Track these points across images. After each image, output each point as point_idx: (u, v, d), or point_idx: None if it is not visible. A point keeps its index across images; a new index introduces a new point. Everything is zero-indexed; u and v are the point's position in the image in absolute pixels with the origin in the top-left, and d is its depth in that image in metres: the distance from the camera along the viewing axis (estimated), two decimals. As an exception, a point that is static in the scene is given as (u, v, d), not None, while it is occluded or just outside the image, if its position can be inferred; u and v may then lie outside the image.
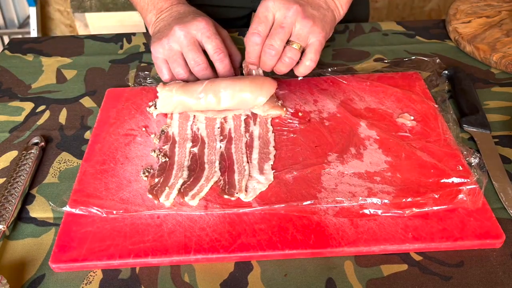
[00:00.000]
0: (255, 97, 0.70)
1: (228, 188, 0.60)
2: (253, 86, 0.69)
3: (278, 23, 0.68)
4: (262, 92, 0.69)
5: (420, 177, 0.61)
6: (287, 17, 0.67)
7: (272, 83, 0.71)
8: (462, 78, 0.77)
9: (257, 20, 0.68)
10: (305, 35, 0.68)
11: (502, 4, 0.95)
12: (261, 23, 0.68)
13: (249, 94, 0.69)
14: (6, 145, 0.71)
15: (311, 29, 0.68)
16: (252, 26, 0.69)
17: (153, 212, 0.58)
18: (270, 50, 0.68)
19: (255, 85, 0.70)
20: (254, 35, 0.68)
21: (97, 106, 0.78)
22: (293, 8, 0.67)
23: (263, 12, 0.68)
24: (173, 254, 0.54)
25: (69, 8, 2.40)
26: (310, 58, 0.69)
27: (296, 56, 0.69)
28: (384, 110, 0.72)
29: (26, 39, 0.98)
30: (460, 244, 0.54)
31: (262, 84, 0.70)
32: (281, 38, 0.68)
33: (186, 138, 0.69)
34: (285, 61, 0.69)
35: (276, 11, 0.68)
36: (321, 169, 0.63)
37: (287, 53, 0.68)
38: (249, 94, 0.69)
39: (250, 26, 0.70)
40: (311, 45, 0.69)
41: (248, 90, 0.69)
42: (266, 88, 0.70)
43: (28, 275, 0.54)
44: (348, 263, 0.54)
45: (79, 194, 0.61)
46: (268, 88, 0.70)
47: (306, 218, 0.57)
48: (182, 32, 0.70)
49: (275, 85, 0.71)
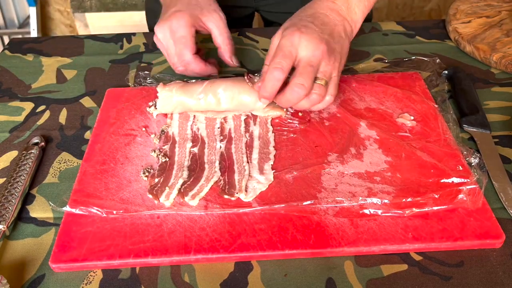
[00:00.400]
0: (254, 101, 0.69)
1: (228, 188, 0.60)
2: (253, 90, 0.69)
3: (306, 61, 0.64)
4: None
5: (420, 177, 0.61)
6: (315, 56, 0.63)
7: None
8: (462, 78, 0.77)
9: (281, 54, 0.63)
10: (329, 72, 0.66)
11: (502, 4, 0.95)
12: (285, 58, 0.63)
13: (248, 98, 0.69)
14: (6, 145, 0.71)
15: (333, 64, 0.66)
16: (275, 60, 0.64)
17: (153, 212, 0.58)
18: (299, 89, 0.63)
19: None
20: (278, 70, 0.63)
21: (97, 106, 0.78)
22: (320, 47, 0.64)
23: (288, 47, 0.63)
24: (173, 254, 0.54)
25: (69, 8, 2.40)
26: (331, 93, 0.67)
27: (322, 92, 0.65)
28: (384, 110, 0.72)
29: (26, 39, 0.98)
30: (460, 244, 0.54)
31: None
32: (311, 77, 0.63)
33: (186, 138, 0.69)
34: (312, 98, 0.65)
35: (301, 47, 0.63)
36: (321, 169, 0.63)
37: (315, 90, 0.64)
38: (248, 98, 0.69)
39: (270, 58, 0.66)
40: (332, 81, 0.66)
41: (248, 94, 0.69)
42: None
43: (28, 275, 0.54)
44: (348, 263, 0.54)
45: (79, 194, 0.61)
46: None
47: (306, 218, 0.57)
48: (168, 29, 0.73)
49: None
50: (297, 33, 0.64)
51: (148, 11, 1.09)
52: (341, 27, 0.68)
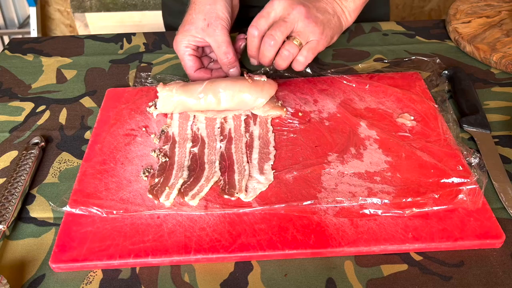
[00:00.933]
0: (255, 98, 0.70)
1: (228, 188, 0.60)
2: (253, 88, 0.69)
3: (281, 17, 0.70)
4: (262, 94, 0.70)
5: (420, 177, 0.61)
6: (290, 14, 0.70)
7: (272, 85, 0.71)
8: (462, 78, 0.77)
9: (258, 15, 0.71)
10: (306, 34, 0.70)
11: (502, 4, 0.95)
12: (262, 18, 0.71)
13: (249, 95, 0.69)
14: (6, 145, 0.71)
15: (312, 29, 0.70)
16: (253, 20, 0.72)
17: (153, 212, 0.58)
18: (269, 39, 0.70)
19: (255, 86, 0.70)
20: (252, 27, 0.71)
21: (97, 106, 0.78)
22: (297, 7, 0.70)
23: (267, 9, 0.71)
24: (173, 254, 0.54)
25: (69, 8, 2.40)
26: (303, 54, 0.71)
27: (294, 50, 0.70)
28: (384, 110, 0.72)
29: (26, 39, 0.98)
30: (460, 244, 0.54)
31: (263, 86, 0.70)
32: (281, 30, 0.69)
33: (186, 138, 0.69)
34: (283, 54, 0.71)
35: (280, 8, 0.70)
36: (321, 169, 0.63)
37: (285, 47, 0.70)
38: (249, 95, 0.69)
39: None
40: (309, 43, 0.71)
41: (248, 91, 0.69)
42: (267, 90, 0.70)
43: (28, 275, 0.54)
44: (348, 263, 0.54)
45: (79, 194, 0.61)
46: (268, 89, 0.70)
47: (306, 218, 0.57)
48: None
49: (275, 87, 0.71)
50: None
51: (164, 6, 1.09)
52: (330, 4, 0.74)
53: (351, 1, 0.76)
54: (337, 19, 0.75)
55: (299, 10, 0.70)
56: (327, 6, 0.74)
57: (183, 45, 0.75)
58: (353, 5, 0.76)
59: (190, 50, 0.76)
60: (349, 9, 0.76)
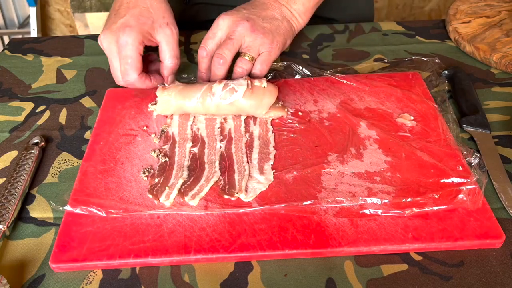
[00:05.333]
0: (254, 110, 0.69)
1: (228, 188, 0.60)
2: (253, 98, 0.68)
3: (227, 36, 0.72)
4: (261, 104, 0.69)
5: (420, 177, 0.61)
6: (235, 31, 0.71)
7: (272, 93, 0.69)
8: (462, 78, 0.77)
9: (206, 37, 0.73)
10: (256, 47, 0.72)
11: (502, 4, 0.95)
12: (208, 39, 0.73)
13: (248, 106, 0.69)
14: (6, 145, 0.71)
15: (261, 40, 0.72)
16: (202, 42, 0.73)
17: (153, 212, 0.58)
18: (218, 59, 0.71)
19: (255, 96, 0.68)
20: (201, 49, 0.73)
21: (97, 106, 0.78)
22: (241, 23, 0.71)
23: (213, 29, 0.73)
24: (173, 254, 0.54)
25: (69, 8, 2.40)
26: (257, 68, 0.73)
27: (247, 66, 0.72)
28: (384, 110, 0.72)
29: (26, 39, 0.98)
30: (460, 244, 0.54)
31: (263, 95, 0.69)
32: (229, 48, 0.71)
33: (186, 138, 0.69)
34: (237, 72, 0.72)
35: (225, 27, 0.72)
36: (321, 169, 0.63)
37: (238, 64, 0.72)
38: (248, 106, 0.69)
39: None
40: (261, 56, 0.73)
41: (248, 98, 0.68)
42: (266, 99, 0.69)
43: (28, 275, 0.54)
44: (348, 263, 0.54)
45: (79, 194, 0.61)
46: (269, 98, 0.69)
47: (306, 218, 0.57)
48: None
49: (275, 94, 0.70)
50: (222, 16, 0.73)
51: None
52: (277, 10, 0.75)
53: (300, 4, 0.76)
54: (287, 23, 0.75)
55: (243, 26, 0.71)
56: (275, 12, 0.75)
57: (137, 41, 0.69)
58: (303, 8, 0.77)
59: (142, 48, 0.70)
60: (298, 11, 0.76)
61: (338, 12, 0.99)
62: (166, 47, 0.72)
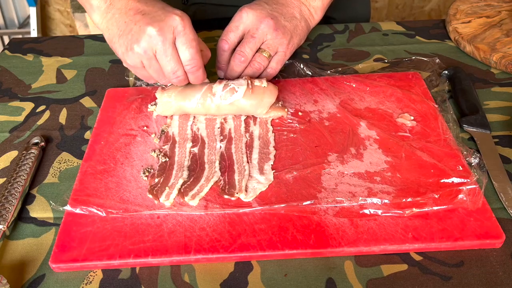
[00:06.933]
0: (254, 109, 0.69)
1: (228, 188, 0.60)
2: (253, 97, 0.68)
3: (250, 33, 0.72)
4: (262, 103, 0.69)
5: (420, 177, 0.61)
6: (259, 29, 0.72)
7: (272, 92, 0.69)
8: (462, 78, 0.77)
9: (228, 29, 0.73)
10: (275, 46, 0.73)
11: (502, 4, 0.95)
12: (231, 32, 0.73)
13: (248, 106, 0.69)
14: (6, 145, 0.71)
15: (280, 40, 0.73)
16: (223, 34, 0.73)
17: (153, 212, 0.58)
18: (240, 56, 0.72)
19: (255, 96, 0.69)
20: (223, 41, 0.73)
21: (97, 106, 0.78)
22: (265, 20, 0.71)
23: (235, 22, 0.73)
24: (173, 254, 0.54)
25: (69, 8, 2.40)
26: (272, 66, 0.74)
27: (264, 62, 0.73)
28: (384, 110, 0.72)
29: (26, 39, 0.98)
30: (460, 244, 0.54)
31: (263, 95, 0.69)
32: (251, 47, 0.72)
33: (186, 138, 0.69)
34: (254, 66, 0.73)
35: (248, 21, 0.72)
36: (321, 169, 0.63)
37: (256, 59, 0.73)
38: (248, 106, 0.69)
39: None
40: (277, 55, 0.74)
41: (248, 98, 0.68)
42: (266, 99, 0.69)
43: (28, 275, 0.54)
44: (348, 263, 0.54)
45: (79, 194, 0.61)
46: (269, 98, 0.69)
47: (306, 218, 0.57)
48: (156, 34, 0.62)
49: (275, 93, 0.70)
50: (245, 9, 0.72)
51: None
52: (297, 8, 0.75)
53: (319, 1, 0.77)
54: (304, 23, 0.76)
55: (267, 24, 0.71)
56: (294, 10, 0.75)
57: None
58: (321, 4, 0.77)
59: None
60: (315, 8, 0.77)
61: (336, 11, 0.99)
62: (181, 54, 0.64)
